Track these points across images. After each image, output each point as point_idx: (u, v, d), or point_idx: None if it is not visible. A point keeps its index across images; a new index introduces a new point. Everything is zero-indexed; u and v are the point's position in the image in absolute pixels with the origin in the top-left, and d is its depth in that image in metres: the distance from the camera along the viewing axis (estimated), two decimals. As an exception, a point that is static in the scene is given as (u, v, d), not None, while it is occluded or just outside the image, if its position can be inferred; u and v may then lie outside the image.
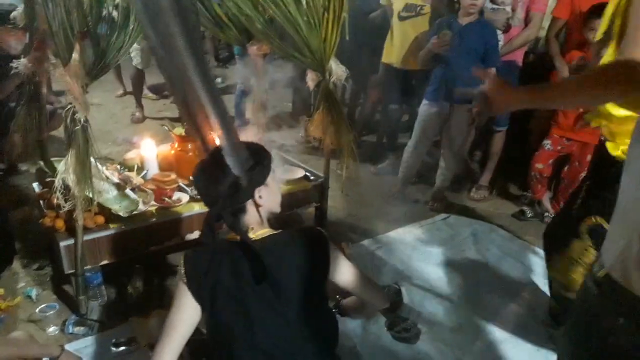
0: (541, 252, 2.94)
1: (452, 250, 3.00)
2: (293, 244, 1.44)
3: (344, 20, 2.38)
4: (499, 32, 3.38)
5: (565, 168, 3.34)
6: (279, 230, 1.48)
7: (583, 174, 3.16)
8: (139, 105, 5.08)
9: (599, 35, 1.94)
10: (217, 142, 1.31)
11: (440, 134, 3.40)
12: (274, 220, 1.55)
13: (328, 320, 1.52)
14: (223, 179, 1.35)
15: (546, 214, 3.40)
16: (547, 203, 3.43)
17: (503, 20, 3.39)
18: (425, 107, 3.35)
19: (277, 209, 1.52)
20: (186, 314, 1.38)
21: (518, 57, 3.55)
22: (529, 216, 3.44)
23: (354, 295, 1.69)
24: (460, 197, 3.74)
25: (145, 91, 5.56)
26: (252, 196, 1.40)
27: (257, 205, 1.43)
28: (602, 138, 1.84)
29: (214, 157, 1.34)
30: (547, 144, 3.32)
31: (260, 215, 1.45)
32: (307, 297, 1.42)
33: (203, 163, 1.42)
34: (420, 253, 2.96)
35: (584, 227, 1.91)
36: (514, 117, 3.59)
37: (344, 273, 1.52)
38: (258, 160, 1.40)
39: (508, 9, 3.39)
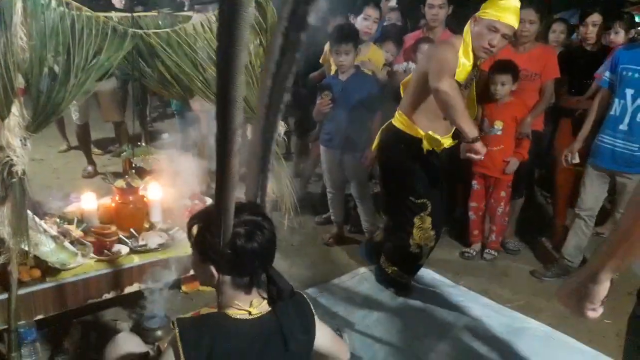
0: (477, 295, 3.12)
1: (392, 296, 3.09)
2: (285, 319, 1.37)
3: (281, 78, 2.53)
4: None
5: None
6: (273, 305, 1.39)
7: (500, 209, 3.54)
8: (90, 161, 5.03)
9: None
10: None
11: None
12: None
13: None
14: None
15: (486, 251, 3.63)
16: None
17: None
18: (322, 153, 3.68)
19: None
20: None
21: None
22: (467, 257, 3.64)
23: (326, 355, 1.56)
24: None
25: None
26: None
27: None
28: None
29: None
30: (474, 183, 3.61)
31: None
32: None
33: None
34: (361, 299, 3.04)
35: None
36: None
37: (324, 336, 1.49)
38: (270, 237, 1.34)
39: None
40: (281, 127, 2.67)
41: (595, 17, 3.62)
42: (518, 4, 2.55)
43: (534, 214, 4.26)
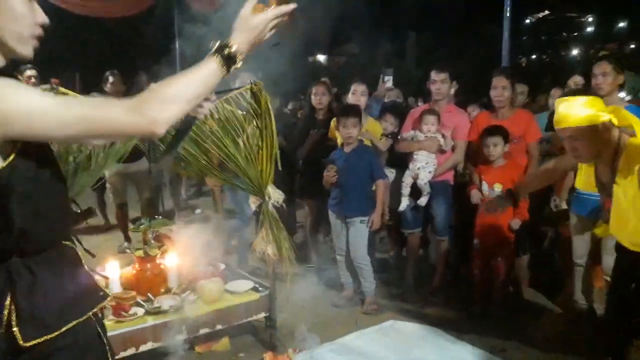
0: (483, 352, 3.19)
1: (397, 354, 3.21)
2: None
3: (276, 154, 2.89)
4: (433, 155, 3.94)
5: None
6: None
7: (504, 267, 3.68)
8: (126, 237, 5.43)
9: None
10: None
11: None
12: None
13: None
14: None
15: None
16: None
17: (436, 146, 3.96)
18: (330, 218, 4.02)
19: None
20: None
21: (449, 176, 4.11)
22: (472, 315, 3.71)
23: None
24: (410, 302, 4.02)
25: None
26: None
27: None
28: None
29: None
30: (476, 242, 3.76)
31: None
32: None
33: None
34: (367, 358, 3.17)
35: None
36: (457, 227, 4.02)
37: None
38: None
39: (439, 136, 3.97)
40: (279, 195, 3.02)
41: (577, 79, 3.85)
42: (560, 107, 2.23)
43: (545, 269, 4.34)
